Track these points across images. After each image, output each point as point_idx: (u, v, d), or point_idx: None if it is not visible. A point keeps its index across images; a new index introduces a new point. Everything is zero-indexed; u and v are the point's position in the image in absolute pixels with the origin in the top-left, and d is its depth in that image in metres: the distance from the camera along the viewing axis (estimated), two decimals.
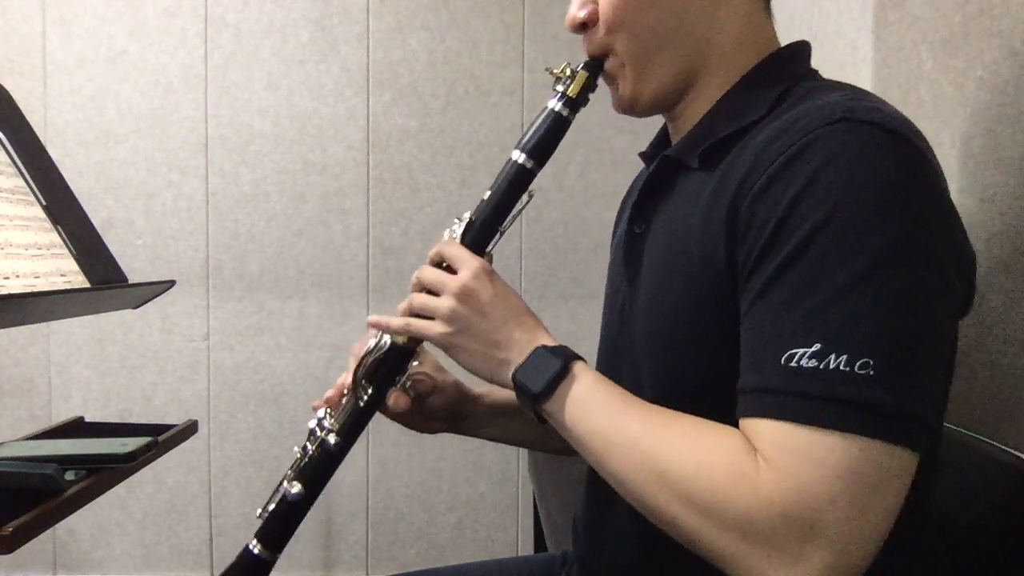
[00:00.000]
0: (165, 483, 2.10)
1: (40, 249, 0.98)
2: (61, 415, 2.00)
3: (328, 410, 0.82)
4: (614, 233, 0.91)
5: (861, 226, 0.55)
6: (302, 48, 2.08)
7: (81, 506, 0.86)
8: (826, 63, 1.30)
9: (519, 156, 0.77)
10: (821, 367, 0.53)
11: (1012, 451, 0.80)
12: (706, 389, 0.63)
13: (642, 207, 0.76)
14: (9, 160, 1.03)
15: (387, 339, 0.79)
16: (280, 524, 0.81)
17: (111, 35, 2.05)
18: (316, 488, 0.80)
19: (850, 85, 0.68)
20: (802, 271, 0.56)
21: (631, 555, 0.73)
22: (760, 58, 0.72)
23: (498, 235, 0.78)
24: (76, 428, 1.17)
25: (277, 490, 0.81)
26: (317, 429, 0.81)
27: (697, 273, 0.64)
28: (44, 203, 1.04)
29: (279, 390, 2.11)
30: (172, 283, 1.17)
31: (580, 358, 0.70)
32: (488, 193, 0.78)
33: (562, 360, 0.68)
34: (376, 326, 0.79)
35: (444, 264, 0.76)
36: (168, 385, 2.10)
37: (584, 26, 0.75)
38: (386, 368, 0.80)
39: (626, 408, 0.65)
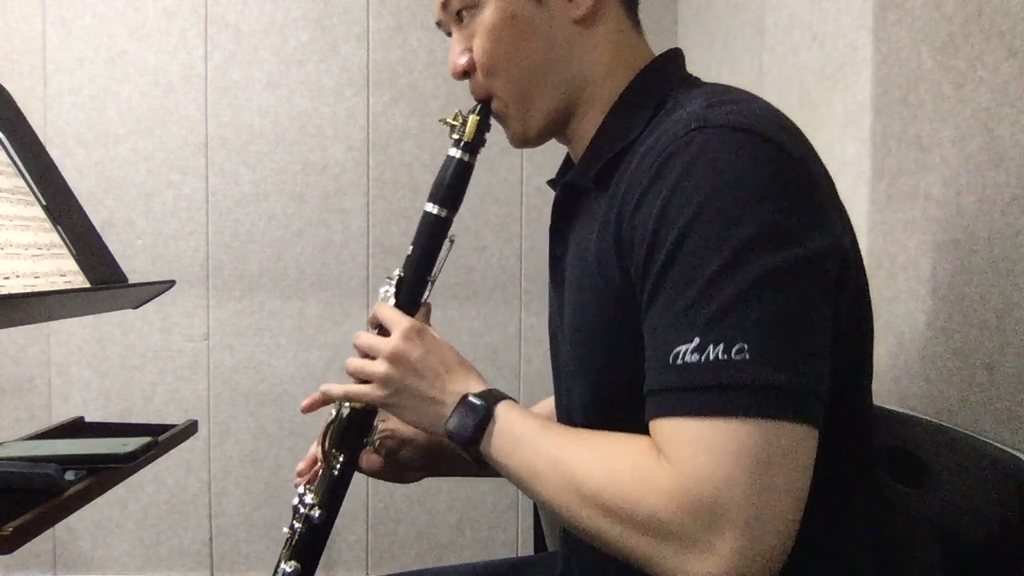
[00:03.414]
0: (165, 483, 2.10)
1: (40, 249, 0.98)
2: (61, 415, 1.99)
3: (307, 485, 0.84)
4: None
5: (720, 223, 0.58)
6: (302, 48, 2.08)
7: (81, 506, 0.86)
8: (826, 63, 1.30)
9: (432, 207, 0.81)
10: (702, 359, 0.57)
11: (1012, 451, 0.80)
12: (633, 398, 0.64)
13: (556, 231, 0.82)
14: (9, 160, 1.03)
15: (347, 406, 0.82)
16: None
17: (111, 35, 2.05)
18: (311, 563, 0.82)
19: (715, 87, 0.72)
20: (676, 274, 0.59)
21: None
22: (635, 74, 0.77)
23: (429, 284, 0.83)
24: (76, 428, 1.17)
25: (276, 571, 0.83)
26: (300, 506, 0.83)
27: (601, 290, 0.68)
28: (44, 203, 1.04)
29: (279, 390, 2.11)
30: (172, 283, 1.17)
31: (505, 398, 0.73)
32: (411, 248, 0.83)
33: (485, 405, 0.71)
34: (325, 394, 0.83)
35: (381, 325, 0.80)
36: (168, 385, 2.10)
37: (467, 73, 0.80)
38: (351, 434, 0.83)
39: (544, 435, 0.68)
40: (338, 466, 0.82)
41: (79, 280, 1.02)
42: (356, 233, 2.10)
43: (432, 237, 0.82)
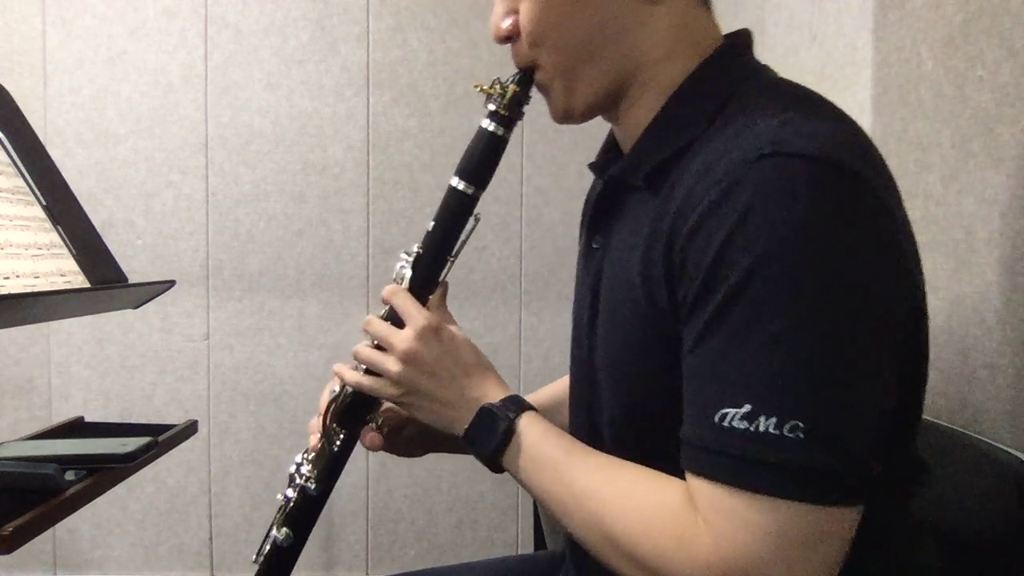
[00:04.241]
0: (165, 483, 2.10)
1: (40, 249, 0.98)
2: (61, 415, 2.00)
3: (305, 455, 0.82)
4: (580, 236, 0.88)
5: (787, 277, 0.52)
6: (302, 48, 2.08)
7: (81, 506, 0.87)
8: (826, 63, 1.30)
9: (457, 182, 0.75)
10: (752, 429, 0.53)
11: (1012, 451, 0.80)
12: (664, 420, 0.61)
13: (596, 223, 0.75)
14: (9, 160, 1.03)
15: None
16: (276, 568, 0.81)
17: (111, 35, 2.05)
18: (304, 532, 0.81)
19: (788, 92, 0.65)
20: (732, 323, 0.54)
21: None
22: (700, 59, 0.68)
23: (449, 263, 0.78)
24: (76, 428, 1.17)
25: (267, 535, 0.82)
26: (296, 476, 0.81)
27: (643, 307, 0.63)
28: (44, 203, 1.04)
29: (279, 390, 2.11)
30: (172, 283, 1.17)
31: (527, 408, 0.70)
32: (432, 224, 0.77)
33: (507, 420, 0.68)
34: (338, 375, 0.79)
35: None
36: (168, 385, 2.10)
37: (510, 38, 0.72)
38: (354, 412, 0.80)
39: (571, 464, 0.65)
40: (338, 442, 0.79)
41: (79, 280, 1.02)
42: (356, 233, 2.10)
43: (455, 214, 0.76)
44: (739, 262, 0.53)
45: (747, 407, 0.53)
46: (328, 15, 2.07)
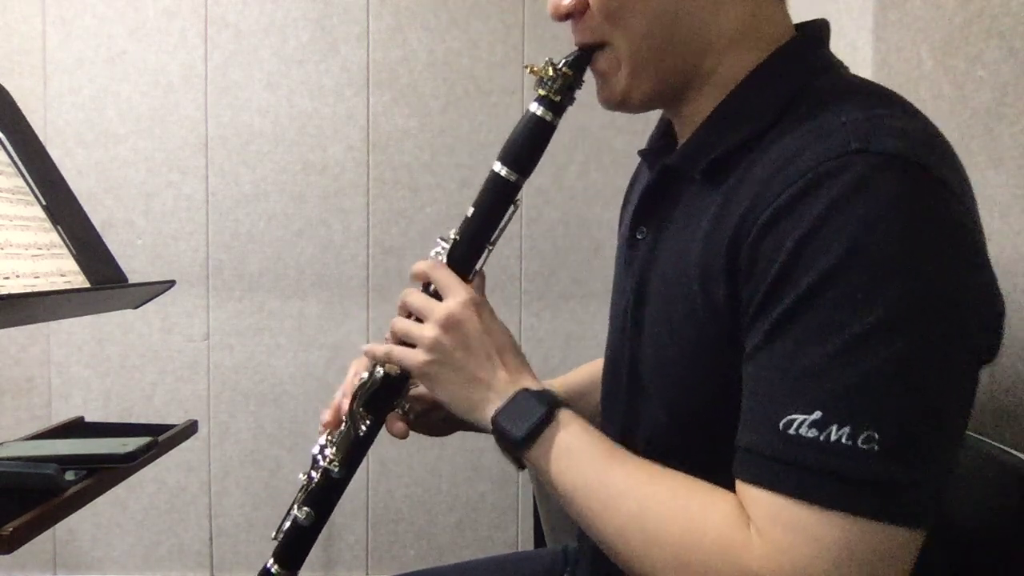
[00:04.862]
0: (165, 483, 2.10)
1: (40, 249, 0.98)
2: (61, 415, 1.99)
3: (328, 438, 0.81)
4: (620, 225, 0.86)
5: (870, 280, 0.49)
6: (302, 48, 2.08)
7: (81, 506, 0.87)
8: None
9: (500, 168, 0.72)
10: (821, 438, 0.50)
11: (1012, 451, 0.80)
12: (712, 427, 0.59)
13: (644, 213, 0.72)
14: (9, 160, 1.03)
15: (380, 370, 0.77)
16: (294, 546, 0.82)
17: (111, 35, 2.05)
18: (324, 514, 0.81)
19: (868, 88, 0.63)
20: (806, 325, 0.51)
21: None
22: (770, 50, 0.65)
23: (487, 251, 0.75)
24: (76, 428, 1.17)
25: (288, 513, 0.82)
26: (320, 458, 0.80)
27: (700, 307, 0.60)
28: (44, 203, 1.04)
29: (279, 390, 2.11)
30: (172, 283, 1.17)
31: (566, 404, 0.66)
32: (471, 210, 0.74)
33: (546, 406, 0.65)
34: (367, 354, 0.77)
35: (432, 288, 0.73)
36: (168, 385, 2.10)
37: (570, 15, 0.67)
38: (382, 397, 0.78)
39: (612, 462, 0.62)
40: (364, 428, 0.78)
41: (79, 280, 1.02)
42: (356, 233, 2.10)
43: (496, 201, 0.72)
44: (819, 261, 0.51)
45: (818, 414, 0.50)
46: (328, 15, 2.07)
